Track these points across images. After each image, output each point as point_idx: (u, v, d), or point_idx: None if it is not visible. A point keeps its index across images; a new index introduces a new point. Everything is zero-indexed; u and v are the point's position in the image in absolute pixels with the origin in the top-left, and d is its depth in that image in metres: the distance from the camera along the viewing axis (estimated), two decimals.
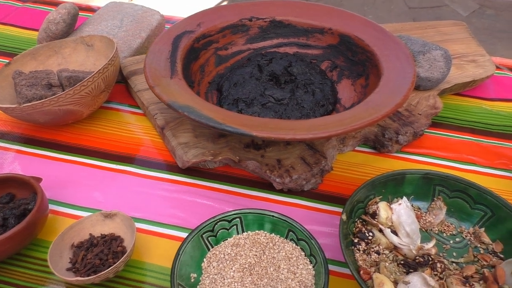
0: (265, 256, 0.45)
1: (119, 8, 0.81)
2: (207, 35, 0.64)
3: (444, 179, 0.50)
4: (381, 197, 0.50)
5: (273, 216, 0.47)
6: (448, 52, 0.62)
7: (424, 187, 0.50)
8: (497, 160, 0.60)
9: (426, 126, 0.59)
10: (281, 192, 0.55)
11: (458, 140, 0.63)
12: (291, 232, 0.46)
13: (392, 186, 0.50)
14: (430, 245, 0.47)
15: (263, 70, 0.61)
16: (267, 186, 0.55)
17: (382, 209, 0.48)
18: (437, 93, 0.64)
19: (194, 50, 0.61)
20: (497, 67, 0.76)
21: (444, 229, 0.49)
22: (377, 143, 0.59)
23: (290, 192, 0.55)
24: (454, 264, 0.46)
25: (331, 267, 0.47)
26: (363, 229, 0.47)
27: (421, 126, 0.59)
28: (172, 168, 0.58)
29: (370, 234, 0.46)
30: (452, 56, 0.73)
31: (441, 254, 0.47)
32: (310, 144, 0.55)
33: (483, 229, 0.48)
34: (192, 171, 0.57)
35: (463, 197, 0.49)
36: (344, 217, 0.45)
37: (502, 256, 0.46)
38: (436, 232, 0.49)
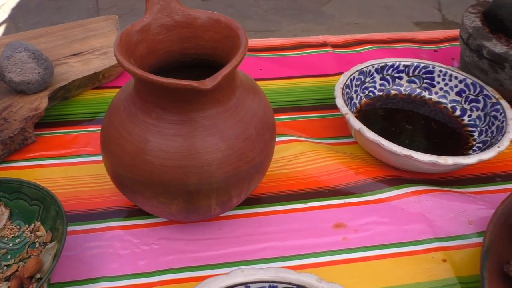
0: None
1: None
2: None
3: None
4: None
5: None
6: (37, 52, 0.62)
7: None
8: None
9: (18, 131, 0.58)
10: None
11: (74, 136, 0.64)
12: None
13: None
14: None
15: None
16: None
17: None
18: (48, 94, 0.64)
19: None
20: None
21: (6, 234, 0.49)
22: None
23: None
24: (5, 267, 0.46)
25: None
26: None
27: (10, 132, 0.57)
28: None
29: None
30: (86, 51, 0.74)
31: None
32: None
33: (39, 223, 0.49)
34: None
35: (21, 197, 0.49)
36: None
37: (51, 245, 0.47)
38: None
